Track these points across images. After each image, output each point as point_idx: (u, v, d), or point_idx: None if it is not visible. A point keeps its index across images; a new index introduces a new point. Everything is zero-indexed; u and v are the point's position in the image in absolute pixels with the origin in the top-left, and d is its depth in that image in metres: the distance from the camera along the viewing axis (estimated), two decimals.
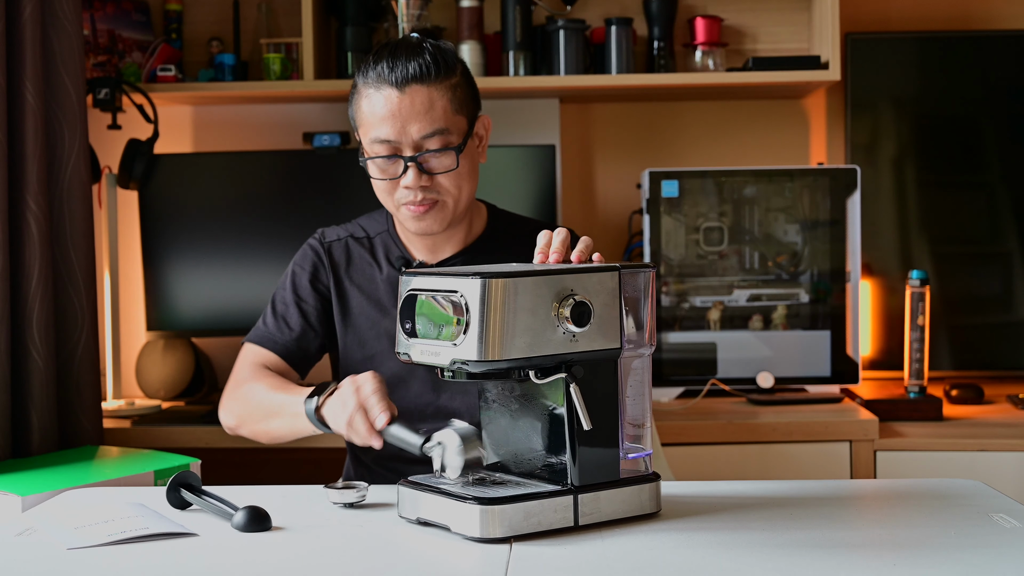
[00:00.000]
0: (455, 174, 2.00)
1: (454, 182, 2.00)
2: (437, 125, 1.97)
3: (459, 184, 2.01)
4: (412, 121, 1.96)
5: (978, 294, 3.20)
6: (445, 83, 1.98)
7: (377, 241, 2.15)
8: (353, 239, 2.15)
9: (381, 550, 1.48)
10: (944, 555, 1.40)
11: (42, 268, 2.40)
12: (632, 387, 1.58)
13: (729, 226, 2.93)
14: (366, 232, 2.17)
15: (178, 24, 3.10)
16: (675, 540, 1.48)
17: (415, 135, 1.96)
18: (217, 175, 2.97)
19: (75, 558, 1.45)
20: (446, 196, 2.01)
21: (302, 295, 2.13)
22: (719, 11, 3.11)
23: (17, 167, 2.39)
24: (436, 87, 1.97)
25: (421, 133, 1.96)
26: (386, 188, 2.02)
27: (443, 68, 1.98)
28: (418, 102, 1.96)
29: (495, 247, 2.12)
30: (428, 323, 1.51)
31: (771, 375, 2.86)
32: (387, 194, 2.03)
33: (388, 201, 2.04)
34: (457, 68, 2.01)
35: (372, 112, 1.98)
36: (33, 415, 2.40)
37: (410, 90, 1.96)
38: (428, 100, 1.96)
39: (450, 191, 2.00)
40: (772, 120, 3.22)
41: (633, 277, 1.55)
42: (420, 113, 1.96)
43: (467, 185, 2.03)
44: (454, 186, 2.00)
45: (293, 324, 2.12)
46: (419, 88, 1.96)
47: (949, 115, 3.19)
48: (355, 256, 2.14)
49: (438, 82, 1.97)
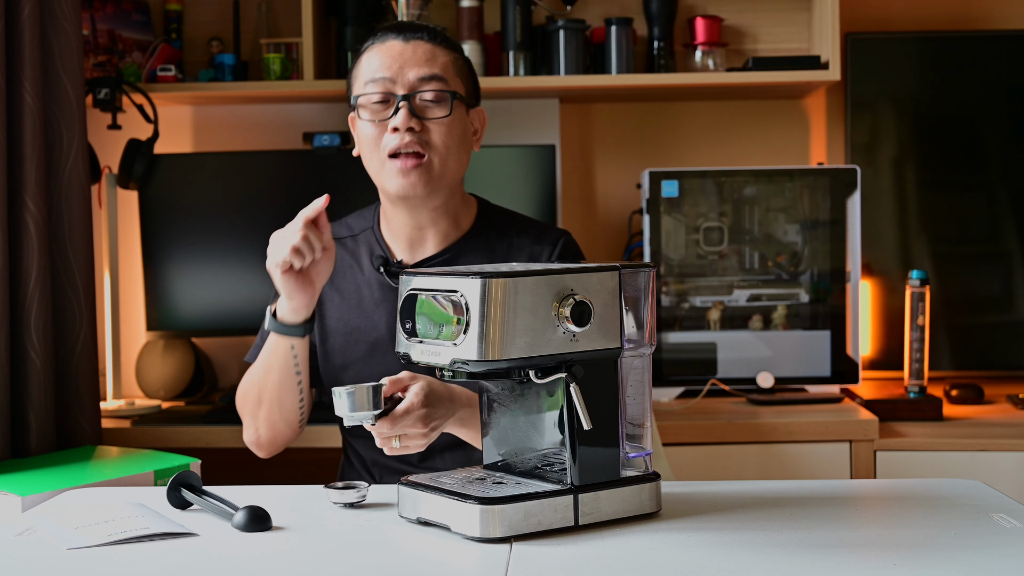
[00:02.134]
0: (446, 129, 1.96)
1: (443, 137, 1.96)
2: (435, 71, 1.96)
3: (448, 143, 1.96)
4: (411, 66, 1.95)
5: (978, 294, 3.20)
6: (449, 50, 2.00)
7: (361, 239, 2.11)
8: (337, 240, 2.10)
9: (381, 550, 1.48)
10: (944, 555, 1.40)
11: (40, 268, 2.40)
12: (632, 387, 1.58)
13: (729, 226, 2.93)
14: (351, 231, 2.13)
15: (178, 24, 3.10)
16: (675, 540, 1.48)
17: (412, 77, 1.95)
18: (217, 175, 2.97)
19: (75, 558, 1.45)
20: (433, 153, 1.96)
21: None
22: (719, 11, 3.11)
23: (16, 167, 2.39)
24: (440, 48, 1.99)
25: (419, 75, 1.95)
26: (373, 136, 1.97)
27: (448, 41, 2.02)
28: (420, 51, 1.96)
29: (478, 248, 2.07)
30: (428, 323, 1.51)
31: (771, 375, 2.86)
32: (373, 144, 1.98)
33: (374, 155, 1.99)
34: (460, 50, 2.04)
35: (371, 61, 1.98)
36: (31, 415, 2.39)
37: (415, 42, 1.97)
38: (430, 52, 1.97)
39: (438, 146, 1.96)
40: (772, 120, 3.22)
41: (633, 277, 1.55)
42: (421, 60, 1.96)
43: (456, 150, 1.98)
44: (442, 142, 1.96)
45: None
46: (423, 42, 1.97)
47: (949, 115, 3.19)
48: (339, 259, 2.09)
49: (443, 45, 2.00)
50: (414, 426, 1.70)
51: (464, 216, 2.09)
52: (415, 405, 1.70)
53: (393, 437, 1.70)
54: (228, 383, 3.15)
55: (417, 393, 1.71)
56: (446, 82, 1.97)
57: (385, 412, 1.67)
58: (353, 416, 1.62)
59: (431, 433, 1.75)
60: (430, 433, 1.74)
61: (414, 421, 1.70)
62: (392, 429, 1.68)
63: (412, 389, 1.71)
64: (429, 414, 1.72)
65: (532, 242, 2.09)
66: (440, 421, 1.76)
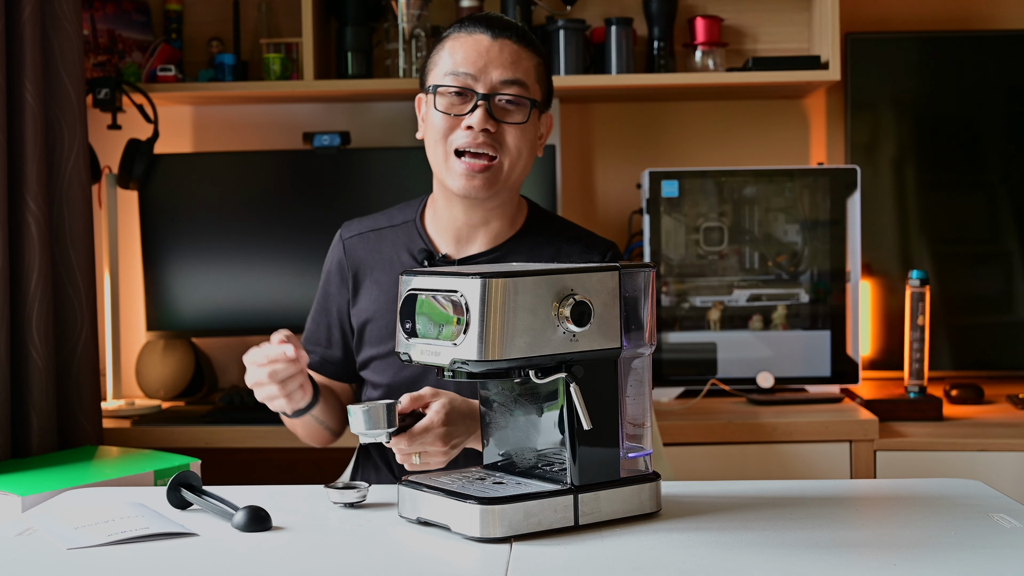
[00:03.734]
0: (520, 134, 1.94)
1: (516, 142, 1.94)
2: (519, 76, 1.93)
3: (520, 147, 1.94)
4: (496, 65, 1.93)
5: (978, 294, 3.20)
6: (534, 53, 1.97)
7: (401, 231, 2.08)
8: (374, 232, 2.09)
9: (381, 550, 1.48)
10: (944, 555, 1.40)
11: (41, 268, 2.40)
12: (632, 387, 1.58)
13: (729, 226, 2.93)
14: (391, 221, 2.10)
15: (178, 24, 3.10)
16: (675, 540, 1.48)
17: (495, 78, 1.92)
18: (217, 175, 2.97)
19: (75, 558, 1.45)
20: (504, 157, 1.94)
21: (329, 307, 2.13)
22: (719, 11, 3.11)
23: (16, 167, 2.39)
24: (526, 51, 1.96)
25: (502, 77, 1.92)
26: (444, 127, 1.93)
27: (536, 44, 1.99)
28: (507, 52, 1.93)
29: (526, 250, 2.05)
30: (428, 323, 1.51)
31: (771, 375, 2.86)
32: (441, 136, 1.94)
33: (439, 147, 1.95)
34: (544, 54, 2.01)
35: (456, 50, 1.94)
36: (32, 415, 2.40)
37: (501, 41, 1.94)
38: (516, 55, 1.94)
39: (510, 150, 1.94)
40: (772, 120, 3.22)
41: (633, 277, 1.55)
42: (507, 62, 1.93)
43: (526, 155, 1.96)
44: (515, 146, 1.94)
45: (322, 332, 2.13)
46: (511, 43, 1.94)
47: (949, 115, 3.19)
48: (375, 251, 2.08)
49: (529, 47, 1.97)
50: (433, 444, 1.70)
51: (516, 217, 2.07)
52: (435, 424, 1.70)
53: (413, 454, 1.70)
54: (228, 383, 3.15)
55: (438, 411, 1.70)
56: (527, 88, 1.94)
57: (404, 428, 1.67)
58: (368, 434, 1.61)
59: (451, 451, 1.74)
60: (450, 451, 1.73)
61: (434, 439, 1.70)
62: (411, 446, 1.68)
63: (433, 407, 1.71)
64: (449, 432, 1.72)
65: (583, 250, 2.07)
66: (461, 439, 1.75)
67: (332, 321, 2.13)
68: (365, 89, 2.93)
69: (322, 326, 2.14)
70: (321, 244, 2.27)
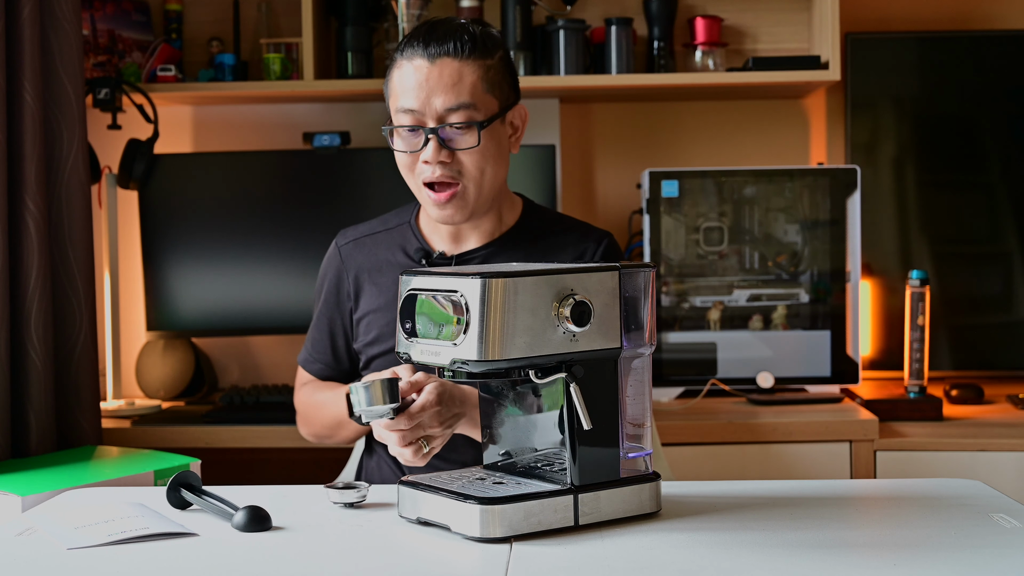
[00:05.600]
0: (478, 155, 1.94)
1: (476, 164, 1.95)
2: (463, 99, 1.92)
3: (481, 167, 1.95)
4: (438, 93, 1.92)
5: (978, 294, 3.20)
6: (479, 62, 1.94)
7: (395, 233, 2.12)
8: (369, 236, 2.13)
9: (381, 550, 1.48)
10: (944, 555, 1.40)
11: (40, 268, 2.40)
12: (632, 387, 1.58)
13: (729, 226, 2.93)
14: (386, 225, 2.14)
15: (178, 24, 3.10)
16: (675, 540, 1.48)
17: (439, 107, 1.92)
18: (217, 175, 2.97)
19: (75, 558, 1.45)
20: (467, 180, 1.95)
21: (328, 309, 2.16)
22: (719, 11, 3.11)
23: (16, 167, 2.39)
24: (468, 64, 1.94)
25: (445, 106, 1.92)
26: (408, 163, 1.97)
27: (479, 48, 1.95)
28: (446, 74, 1.92)
29: (521, 243, 2.07)
30: (428, 323, 1.51)
31: (771, 375, 2.86)
32: (408, 170, 1.98)
33: (410, 179, 1.99)
34: (496, 53, 1.98)
35: (401, 82, 1.95)
36: (31, 415, 2.39)
37: (440, 63, 1.92)
38: (457, 74, 1.93)
39: (471, 173, 1.95)
40: (772, 120, 3.22)
41: (633, 277, 1.55)
42: (447, 86, 1.92)
43: (491, 169, 1.97)
44: (475, 168, 1.95)
45: (325, 342, 2.17)
46: (450, 61, 1.93)
47: (949, 115, 3.19)
48: (372, 254, 2.12)
49: (471, 60, 1.94)
50: (431, 423, 1.72)
51: (508, 213, 2.10)
52: (431, 403, 1.71)
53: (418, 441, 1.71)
54: (228, 383, 3.15)
55: (431, 391, 1.73)
56: (475, 107, 1.94)
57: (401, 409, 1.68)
58: (370, 411, 1.62)
59: (446, 431, 1.76)
60: (445, 431, 1.76)
61: (431, 418, 1.72)
62: (410, 424, 1.69)
63: (427, 388, 1.73)
64: (444, 411, 1.74)
65: (578, 239, 2.10)
66: (455, 420, 1.78)
67: (335, 330, 2.17)
68: (365, 89, 2.93)
69: (324, 334, 2.19)
70: (321, 244, 2.27)
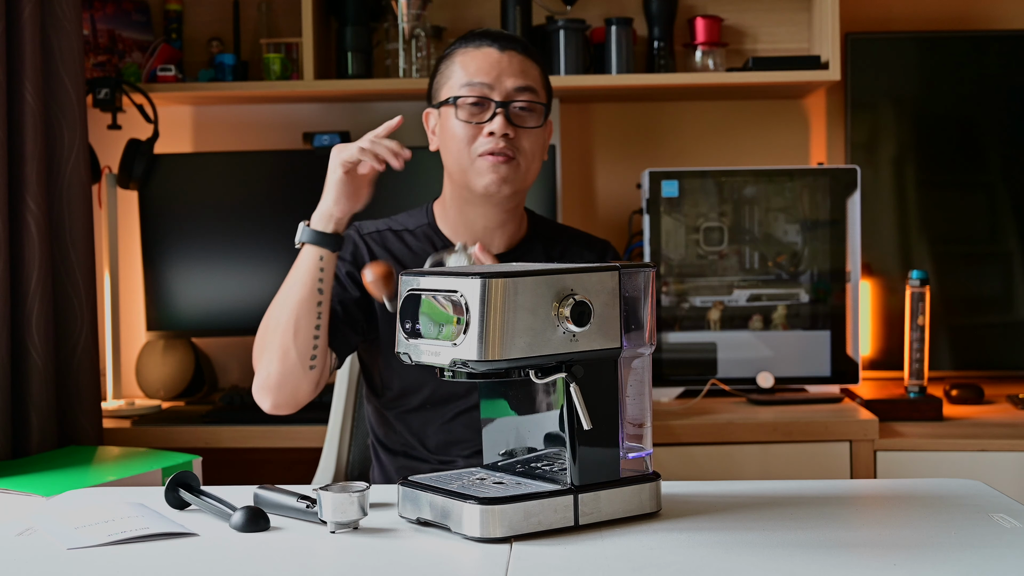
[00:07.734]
0: (536, 137, 2.06)
1: (532, 145, 2.06)
2: (530, 83, 2.06)
3: (535, 151, 2.07)
4: (508, 75, 2.05)
5: (978, 294, 3.20)
6: (539, 64, 2.11)
7: (419, 234, 2.14)
8: (392, 232, 2.15)
9: (381, 550, 1.48)
10: (944, 555, 1.40)
11: (41, 268, 2.40)
12: (632, 387, 1.58)
13: (729, 226, 2.93)
14: (407, 226, 2.16)
15: (178, 24, 3.10)
16: (675, 540, 1.48)
17: (509, 86, 2.04)
18: (217, 175, 2.97)
19: (75, 558, 1.45)
20: (522, 157, 2.05)
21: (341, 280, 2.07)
22: (719, 11, 3.11)
23: (16, 167, 2.39)
24: (531, 61, 2.09)
25: (515, 85, 2.04)
26: (468, 135, 2.04)
27: (536, 54, 2.12)
28: (516, 62, 2.06)
29: (538, 249, 2.15)
30: (429, 322, 1.51)
31: (771, 375, 2.86)
32: (466, 143, 2.04)
33: (464, 153, 2.05)
34: (544, 64, 2.14)
35: (468, 64, 2.06)
36: (32, 415, 2.40)
37: (509, 53, 2.06)
38: (523, 64, 2.07)
39: (528, 152, 2.05)
40: (772, 120, 3.22)
41: (633, 277, 1.55)
42: (517, 71, 2.05)
43: (539, 158, 2.09)
44: (531, 149, 2.06)
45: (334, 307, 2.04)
46: (517, 54, 2.07)
47: (949, 115, 3.19)
48: (395, 249, 2.12)
49: (532, 58, 2.09)
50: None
51: (523, 222, 2.17)
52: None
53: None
54: (228, 383, 3.15)
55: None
56: (538, 93, 2.07)
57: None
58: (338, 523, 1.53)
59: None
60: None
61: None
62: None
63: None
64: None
65: (583, 248, 2.20)
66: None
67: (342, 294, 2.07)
68: (365, 89, 2.93)
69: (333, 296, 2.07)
70: None
